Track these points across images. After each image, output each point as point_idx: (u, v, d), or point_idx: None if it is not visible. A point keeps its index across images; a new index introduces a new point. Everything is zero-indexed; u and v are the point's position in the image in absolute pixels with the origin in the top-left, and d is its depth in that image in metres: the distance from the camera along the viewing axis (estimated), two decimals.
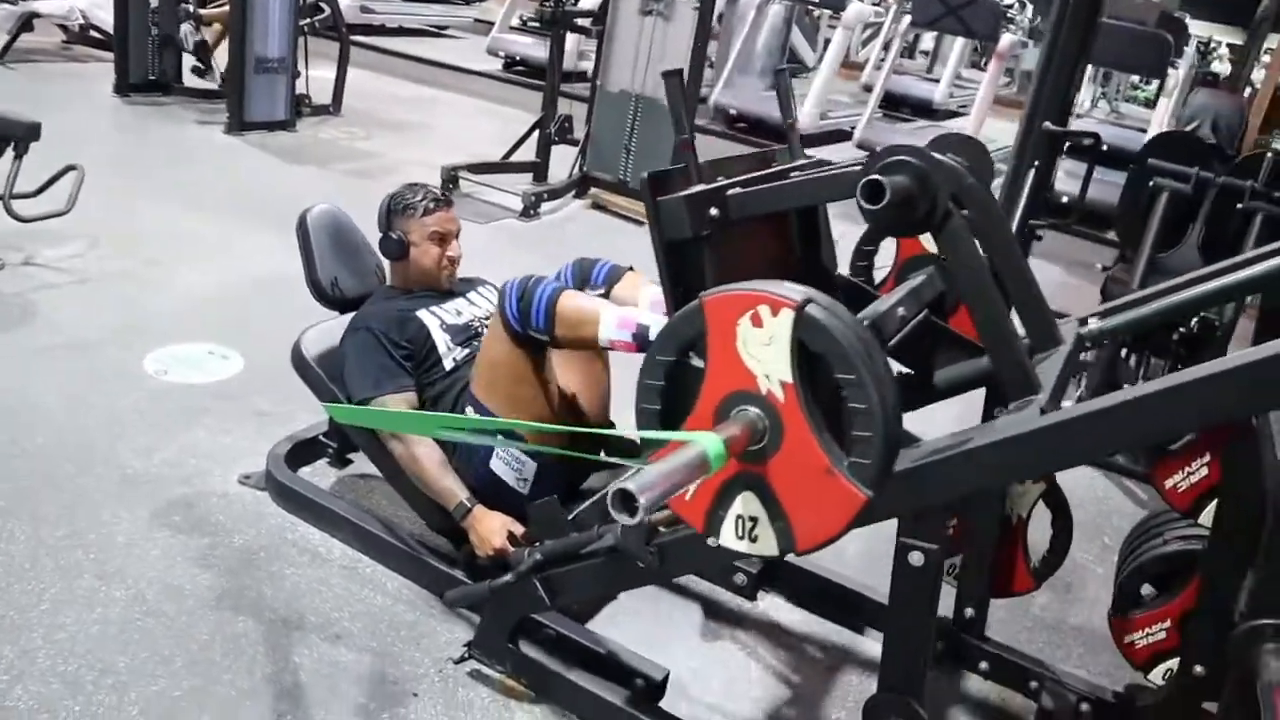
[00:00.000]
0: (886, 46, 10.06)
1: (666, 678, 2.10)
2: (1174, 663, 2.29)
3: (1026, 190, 3.62)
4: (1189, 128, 5.00)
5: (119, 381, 3.02)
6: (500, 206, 5.46)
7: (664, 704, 2.07)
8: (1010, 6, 9.07)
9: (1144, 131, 7.65)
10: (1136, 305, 1.82)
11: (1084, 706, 2.31)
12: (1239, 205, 3.65)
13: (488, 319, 2.47)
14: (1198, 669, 1.91)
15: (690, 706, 2.15)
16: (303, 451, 2.71)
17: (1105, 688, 2.38)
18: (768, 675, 2.31)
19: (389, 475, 2.40)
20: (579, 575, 1.98)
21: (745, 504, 1.49)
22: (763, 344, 1.41)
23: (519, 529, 2.19)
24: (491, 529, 2.17)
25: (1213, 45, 14.42)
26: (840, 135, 8.75)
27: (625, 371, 1.83)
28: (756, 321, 1.40)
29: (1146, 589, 2.15)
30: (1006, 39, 7.87)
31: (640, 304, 2.24)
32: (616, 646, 2.14)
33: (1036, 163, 4.24)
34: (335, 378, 2.41)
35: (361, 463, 2.77)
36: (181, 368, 3.16)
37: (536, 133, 5.90)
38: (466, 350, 2.40)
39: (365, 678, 2.06)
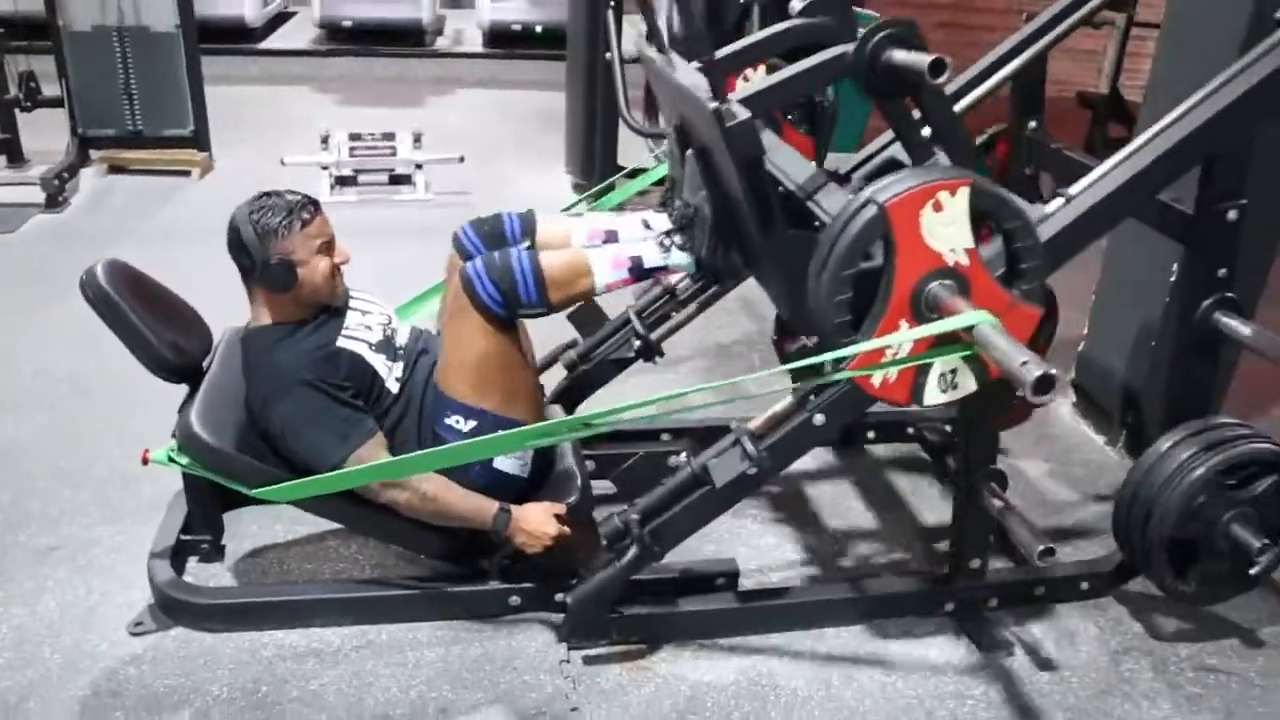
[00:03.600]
0: None
1: (736, 565, 2.22)
2: None
3: None
4: None
5: None
6: (12, 206, 4.32)
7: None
8: None
9: None
10: None
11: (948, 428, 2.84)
12: None
13: (391, 324, 2.15)
14: None
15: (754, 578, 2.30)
16: (176, 563, 2.19)
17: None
18: (777, 524, 2.52)
19: (360, 526, 2.09)
20: (682, 516, 1.97)
21: (945, 362, 1.69)
22: (944, 224, 1.59)
23: (559, 508, 2.08)
24: (541, 521, 2.03)
25: None
26: (286, 17, 8.07)
27: None
28: (938, 207, 1.58)
29: None
30: None
31: (575, 241, 2.14)
32: (681, 564, 2.18)
33: None
34: (263, 455, 1.96)
35: (239, 541, 2.33)
36: None
37: None
38: (400, 363, 2.09)
39: None
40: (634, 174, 3.46)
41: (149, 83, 4.79)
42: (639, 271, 2.07)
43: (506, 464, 2.09)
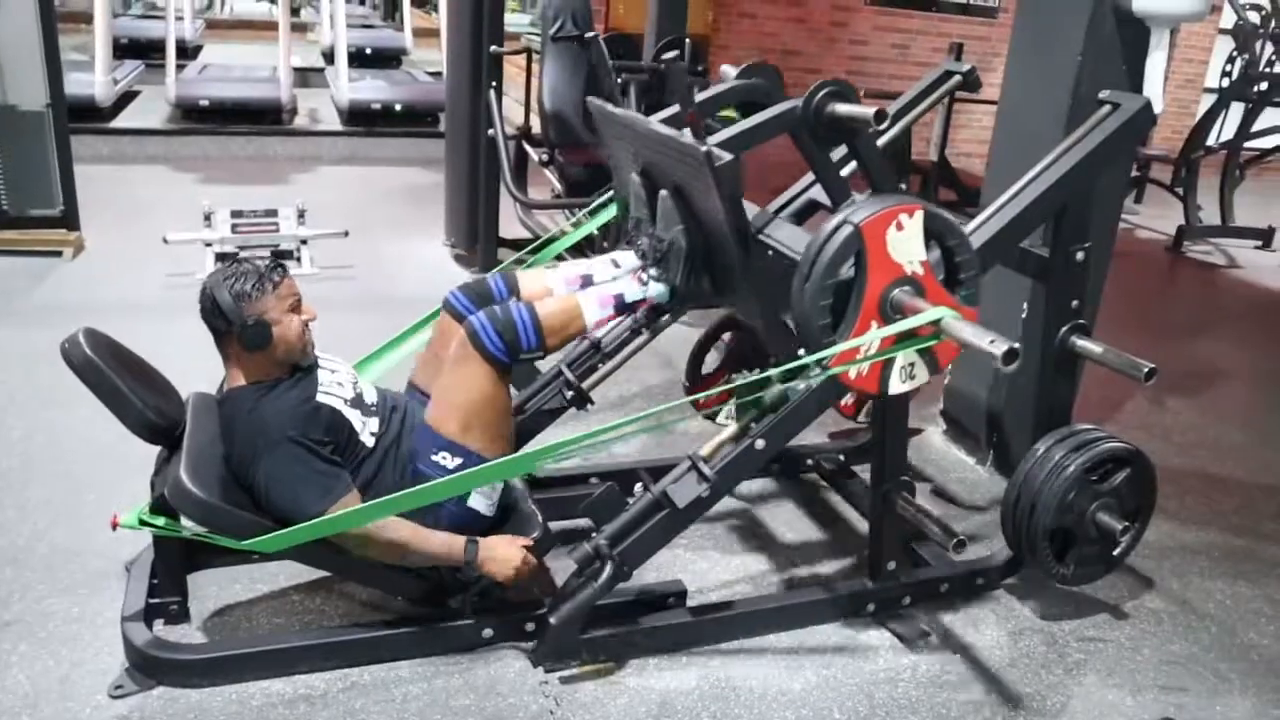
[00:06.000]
0: None
1: (684, 586, 2.45)
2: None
3: None
4: (556, 25, 5.73)
5: None
6: None
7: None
8: None
9: None
10: None
11: (841, 457, 3.19)
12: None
13: (357, 382, 2.29)
14: None
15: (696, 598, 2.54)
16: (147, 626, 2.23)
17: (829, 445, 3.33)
18: (708, 550, 2.77)
19: (344, 572, 2.22)
20: (648, 537, 2.19)
21: (905, 356, 2.03)
22: (904, 240, 1.93)
23: (524, 540, 2.26)
24: (509, 553, 2.20)
25: None
26: (132, 95, 7.92)
27: None
28: (900, 227, 1.92)
29: None
30: None
31: (556, 289, 2.36)
32: (631, 588, 2.37)
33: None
34: (247, 507, 2.06)
35: (202, 602, 2.38)
36: None
37: None
38: (375, 419, 2.23)
39: None
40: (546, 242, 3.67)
41: (15, 162, 4.69)
42: (621, 306, 2.32)
43: (479, 503, 2.26)
